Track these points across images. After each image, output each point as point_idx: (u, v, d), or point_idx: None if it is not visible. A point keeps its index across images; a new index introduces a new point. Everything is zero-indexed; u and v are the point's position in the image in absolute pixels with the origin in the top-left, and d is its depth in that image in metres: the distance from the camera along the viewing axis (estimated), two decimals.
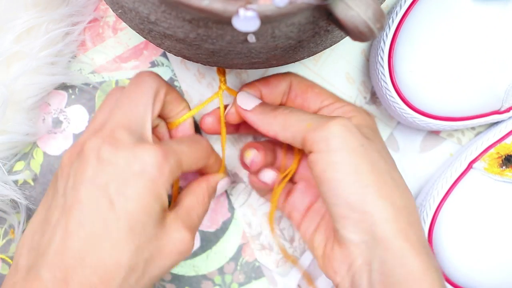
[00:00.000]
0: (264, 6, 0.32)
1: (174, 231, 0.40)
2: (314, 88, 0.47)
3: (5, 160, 0.49)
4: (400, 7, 0.49)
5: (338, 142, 0.40)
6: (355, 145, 0.40)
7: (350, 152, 0.40)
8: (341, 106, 0.46)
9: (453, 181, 0.50)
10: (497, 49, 0.47)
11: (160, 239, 0.39)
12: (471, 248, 0.48)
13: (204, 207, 0.44)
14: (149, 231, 0.39)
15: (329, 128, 0.40)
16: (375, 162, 0.41)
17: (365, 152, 0.41)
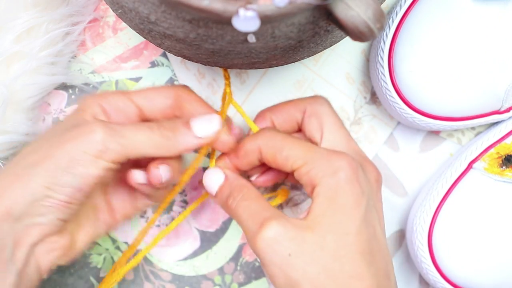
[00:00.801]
0: (264, 6, 0.32)
1: (85, 126, 0.40)
2: (282, 152, 0.41)
3: (5, 160, 0.49)
4: (400, 7, 0.49)
5: (266, 256, 0.38)
6: (280, 257, 0.38)
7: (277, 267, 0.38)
8: (308, 171, 0.40)
9: (453, 181, 0.50)
10: (497, 49, 0.47)
11: (66, 134, 0.40)
12: (471, 248, 0.48)
13: (149, 124, 0.41)
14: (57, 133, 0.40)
15: (257, 242, 0.38)
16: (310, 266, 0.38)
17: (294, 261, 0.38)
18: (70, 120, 0.42)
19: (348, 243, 0.38)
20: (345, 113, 0.53)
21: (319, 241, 0.38)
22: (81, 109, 0.42)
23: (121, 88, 0.52)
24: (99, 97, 0.43)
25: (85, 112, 0.42)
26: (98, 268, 0.52)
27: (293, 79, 0.53)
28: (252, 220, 0.39)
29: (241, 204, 0.41)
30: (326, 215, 0.38)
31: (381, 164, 0.53)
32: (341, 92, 0.53)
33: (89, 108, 0.42)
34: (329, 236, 0.38)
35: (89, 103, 0.42)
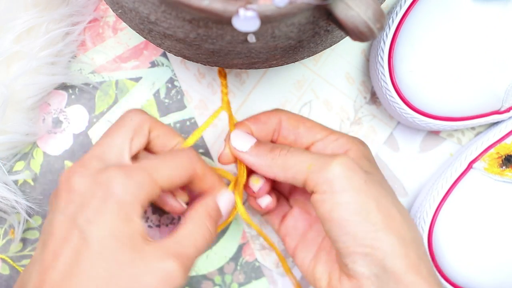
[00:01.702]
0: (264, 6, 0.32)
1: (154, 259, 0.37)
2: (306, 123, 0.45)
3: (5, 160, 0.49)
4: (400, 7, 0.49)
5: (342, 183, 0.40)
6: (358, 183, 0.40)
7: (354, 192, 0.40)
8: (336, 139, 0.44)
9: (453, 181, 0.50)
10: (497, 49, 0.47)
11: (137, 267, 0.37)
12: (471, 248, 0.48)
13: (204, 233, 0.41)
14: (120, 256, 0.37)
15: (331, 170, 0.40)
16: (380, 198, 0.41)
17: (369, 189, 0.41)
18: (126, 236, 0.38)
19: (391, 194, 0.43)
20: (345, 113, 0.53)
21: (380, 180, 0.43)
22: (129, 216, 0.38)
23: (121, 88, 0.52)
24: (141, 194, 0.39)
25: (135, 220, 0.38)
26: None
27: (293, 79, 0.53)
28: (319, 156, 0.42)
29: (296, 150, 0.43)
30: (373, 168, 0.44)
31: (381, 164, 0.53)
32: (341, 92, 0.53)
33: (138, 214, 0.38)
34: (384, 181, 0.44)
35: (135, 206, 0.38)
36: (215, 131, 0.52)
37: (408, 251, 0.40)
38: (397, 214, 0.41)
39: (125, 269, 0.37)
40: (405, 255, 0.40)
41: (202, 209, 0.42)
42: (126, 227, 0.38)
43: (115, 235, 0.37)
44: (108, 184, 0.38)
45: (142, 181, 0.39)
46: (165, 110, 0.52)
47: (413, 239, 0.41)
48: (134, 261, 0.37)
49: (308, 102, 0.53)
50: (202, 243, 0.41)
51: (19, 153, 0.51)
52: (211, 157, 0.52)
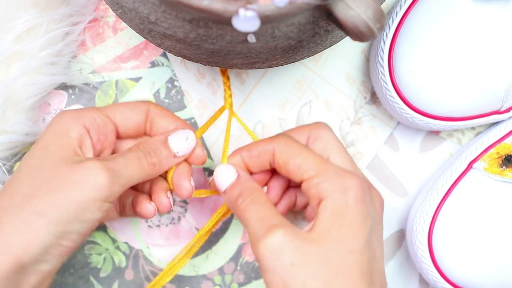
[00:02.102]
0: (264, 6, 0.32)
1: (84, 170, 0.39)
2: (296, 159, 0.41)
3: (5, 160, 0.49)
4: (400, 7, 0.49)
5: (267, 264, 0.38)
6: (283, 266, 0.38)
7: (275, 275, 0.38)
8: (318, 184, 0.40)
9: (453, 181, 0.50)
10: (497, 49, 0.47)
11: (60, 169, 0.39)
12: (471, 248, 0.48)
13: (137, 154, 0.42)
14: (46, 163, 0.39)
15: (260, 248, 0.38)
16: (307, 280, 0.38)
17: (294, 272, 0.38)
18: (58, 147, 0.40)
19: (350, 262, 0.38)
20: (345, 113, 0.53)
21: (323, 255, 0.38)
22: (65, 131, 0.41)
23: (121, 88, 0.52)
24: (79, 115, 0.42)
25: (71, 134, 0.41)
26: (98, 268, 0.52)
27: (293, 79, 0.53)
28: (259, 224, 0.40)
29: (251, 206, 0.41)
30: (332, 231, 0.38)
31: (381, 164, 0.53)
32: (341, 92, 0.53)
33: (74, 129, 0.41)
34: (333, 252, 0.38)
35: (72, 124, 0.41)
36: (215, 131, 0.52)
37: None
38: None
39: (47, 172, 0.39)
40: None
41: (144, 143, 0.43)
42: (56, 140, 0.40)
43: (43, 148, 0.40)
44: (51, 120, 0.42)
45: (82, 108, 0.42)
46: None
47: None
48: (57, 165, 0.39)
49: (308, 102, 0.53)
50: (137, 170, 0.41)
51: (19, 153, 0.51)
52: (211, 157, 0.52)
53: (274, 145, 0.43)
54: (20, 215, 0.38)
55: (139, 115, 0.44)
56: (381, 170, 0.53)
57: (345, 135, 0.53)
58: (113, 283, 0.52)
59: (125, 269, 0.52)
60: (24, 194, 0.39)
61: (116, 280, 0.52)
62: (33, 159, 0.40)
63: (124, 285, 0.52)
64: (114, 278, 0.52)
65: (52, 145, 0.40)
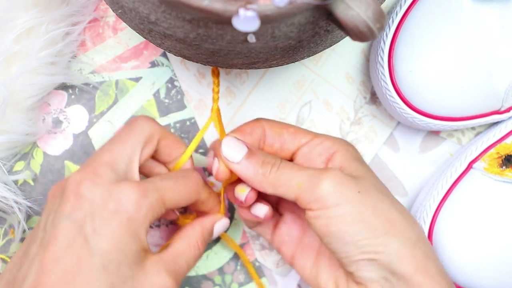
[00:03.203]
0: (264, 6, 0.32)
1: (153, 275, 0.39)
2: (289, 128, 0.45)
3: (5, 160, 0.49)
4: (400, 7, 0.49)
5: (334, 198, 0.40)
6: (351, 195, 0.40)
7: (349, 204, 0.40)
8: (320, 142, 0.44)
9: (453, 181, 0.50)
10: (497, 49, 0.47)
11: (137, 281, 0.38)
12: (471, 248, 0.48)
13: (195, 252, 0.43)
14: (124, 271, 0.37)
15: (321, 187, 0.40)
16: (377, 203, 0.41)
17: (363, 198, 0.40)
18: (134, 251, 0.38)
19: (389, 193, 0.43)
20: (345, 113, 0.53)
21: (375, 184, 0.42)
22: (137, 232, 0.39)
23: (121, 88, 0.52)
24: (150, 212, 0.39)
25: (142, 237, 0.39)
26: None
27: (293, 79, 0.53)
28: (309, 170, 0.41)
29: (286, 165, 0.42)
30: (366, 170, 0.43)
31: (381, 164, 0.53)
32: (341, 92, 0.53)
33: (144, 231, 0.39)
34: (378, 184, 0.43)
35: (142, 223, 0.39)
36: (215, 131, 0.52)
37: (415, 252, 0.40)
38: (397, 216, 0.41)
39: (125, 282, 0.37)
40: (411, 256, 0.40)
41: (199, 229, 0.44)
42: (133, 244, 0.38)
43: (120, 250, 0.38)
44: (121, 198, 0.38)
45: (153, 202, 0.40)
46: (165, 110, 0.52)
47: (418, 238, 0.41)
48: (134, 275, 0.38)
49: (308, 102, 0.53)
50: (193, 261, 0.43)
51: (19, 153, 0.51)
52: None
53: (262, 123, 0.45)
54: None
55: (187, 202, 0.43)
56: (381, 170, 0.53)
57: (345, 135, 0.53)
58: None
59: None
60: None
61: None
62: (109, 256, 0.37)
63: None
64: None
65: (127, 248, 0.38)
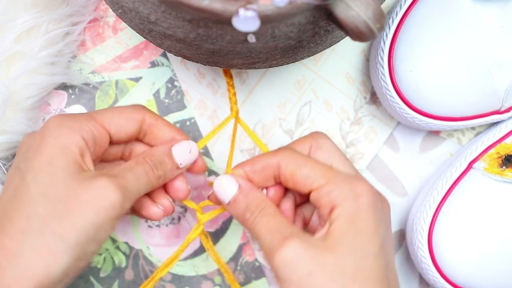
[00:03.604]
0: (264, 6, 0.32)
1: (96, 188, 0.38)
2: (303, 169, 0.41)
3: (5, 160, 0.49)
4: (400, 7, 0.49)
5: (285, 273, 0.38)
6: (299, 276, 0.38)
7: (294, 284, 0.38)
8: (329, 192, 0.40)
9: (453, 181, 0.50)
10: (497, 49, 0.47)
11: (78, 197, 0.38)
12: (471, 248, 0.48)
13: (145, 168, 0.41)
14: (60, 189, 0.38)
15: (275, 259, 0.38)
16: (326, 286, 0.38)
17: (311, 280, 0.38)
18: (65, 163, 0.39)
19: (367, 267, 0.38)
20: (345, 113, 0.53)
21: (340, 262, 0.38)
22: (66, 144, 0.39)
23: (121, 88, 0.52)
24: (79, 128, 0.40)
25: (73, 148, 0.39)
26: (98, 268, 0.52)
27: (293, 79, 0.53)
28: (272, 237, 0.39)
29: (260, 219, 0.41)
30: (347, 237, 0.38)
31: (381, 164, 0.53)
32: (341, 92, 0.53)
33: (75, 143, 0.39)
34: (349, 258, 0.38)
35: (73, 137, 0.40)
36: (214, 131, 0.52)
37: None
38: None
39: (60, 190, 0.38)
40: None
41: (149, 150, 0.43)
42: (61, 156, 0.39)
43: (49, 163, 0.38)
44: (45, 126, 0.40)
45: (79, 118, 0.40)
46: (165, 110, 0.52)
47: None
48: (75, 192, 0.38)
49: (308, 102, 0.53)
50: (144, 180, 0.41)
51: None
52: (211, 157, 0.52)
53: (279, 158, 0.42)
54: (41, 239, 0.37)
55: (133, 125, 0.43)
56: (381, 170, 0.53)
57: (345, 135, 0.53)
58: (113, 283, 0.52)
59: (125, 269, 0.52)
60: (41, 216, 0.38)
61: (116, 280, 0.52)
62: (41, 175, 0.39)
63: (124, 285, 0.52)
64: (114, 278, 0.52)
65: (57, 160, 0.39)
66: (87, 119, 0.41)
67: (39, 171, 0.39)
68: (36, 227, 0.38)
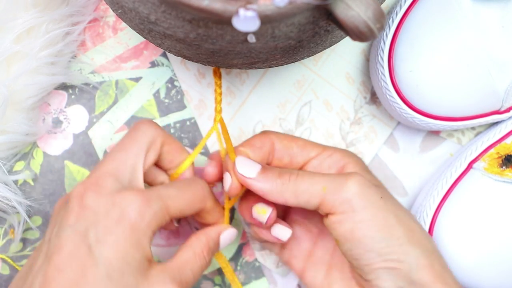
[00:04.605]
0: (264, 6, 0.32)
1: (158, 284, 0.38)
2: (298, 142, 0.45)
3: (5, 160, 0.49)
4: (400, 7, 0.49)
5: (360, 201, 0.40)
6: (376, 200, 0.41)
7: (374, 209, 0.40)
8: (330, 155, 0.44)
9: (453, 181, 0.50)
10: (497, 49, 0.47)
11: None
12: (471, 248, 0.48)
13: (201, 261, 0.42)
14: (128, 280, 0.37)
15: (347, 189, 0.40)
16: (397, 211, 0.41)
17: (385, 204, 0.41)
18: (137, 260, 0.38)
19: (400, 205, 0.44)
20: (345, 113, 0.53)
21: (388, 195, 0.43)
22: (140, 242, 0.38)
23: (121, 88, 0.52)
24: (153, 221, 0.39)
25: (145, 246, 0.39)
26: None
27: (293, 79, 0.53)
28: (330, 176, 0.41)
29: (305, 173, 0.42)
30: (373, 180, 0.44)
31: (381, 164, 0.53)
32: (341, 92, 0.53)
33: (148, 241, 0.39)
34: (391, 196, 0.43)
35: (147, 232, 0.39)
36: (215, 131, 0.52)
37: (433, 262, 0.40)
38: (415, 226, 0.42)
39: (128, 282, 0.37)
40: (430, 266, 0.40)
41: (204, 239, 0.43)
42: (136, 252, 0.38)
43: (124, 259, 0.37)
44: (124, 207, 0.38)
45: (157, 210, 0.39)
46: (165, 110, 0.52)
47: (434, 249, 0.42)
48: (138, 285, 0.37)
49: (308, 102, 0.53)
50: (199, 271, 0.42)
51: (19, 153, 0.51)
52: None
53: (271, 136, 0.45)
54: None
55: (193, 212, 0.43)
56: (381, 170, 0.53)
57: (345, 135, 0.53)
58: None
59: None
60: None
61: None
62: (113, 264, 0.37)
63: None
64: None
65: (131, 256, 0.38)
66: (163, 210, 0.40)
67: (111, 262, 0.37)
68: None
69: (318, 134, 0.53)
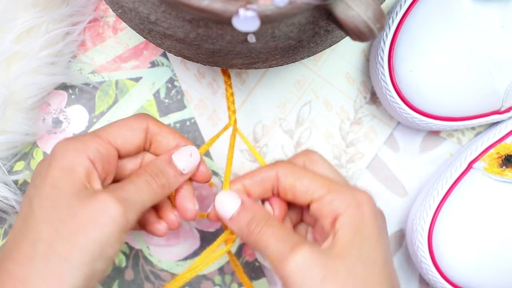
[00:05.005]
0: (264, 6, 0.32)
1: (98, 203, 0.38)
2: (303, 180, 0.41)
3: (5, 160, 0.49)
4: (400, 7, 0.49)
5: (296, 280, 0.38)
6: (313, 281, 0.38)
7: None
8: (330, 201, 0.40)
9: (453, 181, 0.50)
10: (497, 49, 0.47)
11: (75, 207, 0.38)
12: (471, 248, 0.48)
13: (147, 179, 0.41)
14: (61, 203, 0.38)
15: (286, 266, 0.38)
16: None
17: (325, 285, 0.38)
18: (68, 184, 0.39)
19: (376, 274, 0.39)
20: (345, 113, 0.53)
21: (350, 269, 0.38)
22: (71, 166, 0.39)
23: (121, 88, 0.52)
24: (84, 148, 0.40)
25: (78, 169, 0.39)
26: None
27: (293, 79, 0.53)
28: (281, 244, 0.39)
29: (266, 229, 0.40)
30: (355, 245, 0.39)
31: (381, 164, 0.53)
32: (341, 92, 0.53)
33: (80, 164, 0.39)
34: (359, 265, 0.38)
35: (78, 158, 0.39)
36: (215, 131, 0.52)
37: None
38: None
39: (63, 212, 0.38)
40: None
41: (151, 165, 0.42)
42: (65, 178, 0.39)
43: (54, 187, 0.38)
44: (52, 151, 0.40)
45: (84, 138, 0.40)
46: (165, 110, 0.52)
47: None
48: (70, 204, 0.38)
49: (308, 102, 0.53)
50: (146, 192, 0.41)
51: (19, 153, 0.51)
52: (211, 157, 0.52)
53: (277, 170, 0.42)
54: (47, 264, 0.37)
55: (138, 135, 0.43)
56: (381, 170, 0.53)
57: (345, 135, 0.53)
58: (113, 283, 0.52)
59: (125, 269, 0.52)
60: (45, 240, 0.37)
61: (116, 280, 0.52)
62: (45, 200, 0.39)
63: (124, 285, 0.52)
64: (114, 278, 0.52)
65: (61, 183, 0.39)
66: (92, 138, 0.41)
67: (44, 196, 0.39)
68: (42, 252, 0.37)
69: (318, 134, 0.53)
